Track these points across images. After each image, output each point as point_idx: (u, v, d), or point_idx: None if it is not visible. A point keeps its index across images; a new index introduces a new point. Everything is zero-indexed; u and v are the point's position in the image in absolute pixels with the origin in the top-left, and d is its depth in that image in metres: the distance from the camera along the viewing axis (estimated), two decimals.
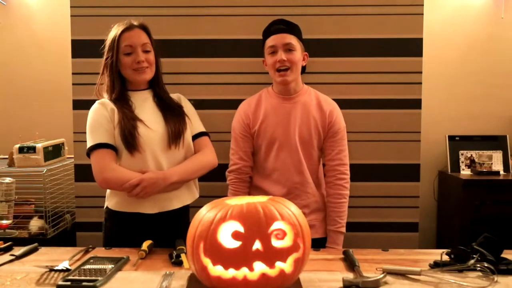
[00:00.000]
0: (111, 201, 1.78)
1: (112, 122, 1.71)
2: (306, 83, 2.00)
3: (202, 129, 1.89)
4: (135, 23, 1.77)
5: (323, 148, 1.96)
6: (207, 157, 1.85)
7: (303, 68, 1.96)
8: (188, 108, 1.89)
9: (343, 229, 1.92)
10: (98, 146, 1.69)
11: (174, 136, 1.76)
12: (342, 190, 1.92)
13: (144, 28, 1.78)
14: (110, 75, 1.75)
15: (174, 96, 1.89)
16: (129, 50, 1.73)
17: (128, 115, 1.71)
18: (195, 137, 1.85)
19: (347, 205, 1.94)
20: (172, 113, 1.80)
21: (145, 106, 1.78)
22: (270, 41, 1.88)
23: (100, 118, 1.72)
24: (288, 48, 1.85)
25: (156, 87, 1.83)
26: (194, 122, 1.87)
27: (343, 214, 1.92)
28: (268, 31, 1.90)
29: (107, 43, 1.76)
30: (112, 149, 1.70)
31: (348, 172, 1.94)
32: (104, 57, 1.77)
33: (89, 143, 1.72)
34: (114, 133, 1.71)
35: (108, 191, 1.80)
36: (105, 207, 1.82)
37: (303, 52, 1.92)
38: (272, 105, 1.94)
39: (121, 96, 1.76)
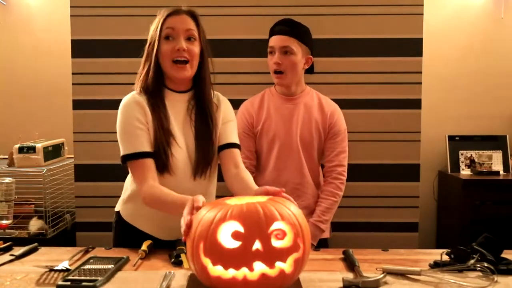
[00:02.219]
0: (124, 210, 1.62)
1: (148, 123, 1.48)
2: (306, 83, 2.00)
3: (235, 140, 1.59)
4: (184, 8, 1.52)
5: (323, 149, 1.96)
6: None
7: (311, 69, 1.96)
8: (227, 113, 1.61)
9: (322, 226, 1.89)
10: (133, 157, 1.45)
11: (203, 163, 1.53)
12: (335, 189, 1.91)
13: (192, 15, 1.52)
14: (148, 65, 1.50)
15: (214, 99, 1.60)
16: (169, 33, 1.47)
17: (164, 126, 1.48)
18: (225, 146, 1.56)
19: (335, 206, 1.92)
20: (205, 133, 1.53)
21: (178, 116, 1.53)
22: (271, 41, 1.88)
23: (133, 118, 1.47)
24: (285, 51, 1.83)
25: (202, 86, 1.55)
26: (229, 129, 1.58)
27: (327, 212, 1.90)
28: (272, 31, 1.90)
29: (151, 28, 1.52)
30: (151, 157, 1.46)
31: (345, 174, 1.94)
32: (146, 46, 1.53)
33: (124, 150, 1.47)
34: (149, 134, 1.48)
35: (123, 194, 1.65)
36: (117, 209, 1.66)
37: (307, 56, 1.89)
38: (275, 105, 1.94)
39: (156, 91, 1.51)
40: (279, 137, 1.91)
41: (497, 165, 3.12)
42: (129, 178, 1.60)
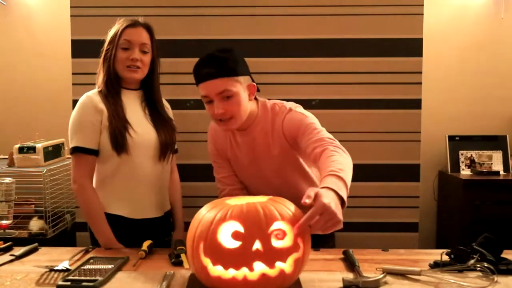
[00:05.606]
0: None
1: (99, 123, 1.68)
2: (306, 83, 1.98)
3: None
4: (140, 20, 1.75)
5: (303, 149, 1.56)
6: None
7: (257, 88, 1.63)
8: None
9: (342, 174, 1.32)
10: (79, 150, 1.66)
11: (164, 148, 1.75)
12: (333, 150, 1.43)
13: (148, 28, 1.75)
14: (106, 68, 1.72)
15: (165, 103, 1.89)
16: (126, 45, 1.69)
17: (120, 115, 1.68)
18: None
19: (346, 161, 1.40)
20: (162, 124, 1.78)
21: (134, 109, 1.75)
22: (202, 88, 1.53)
23: (86, 117, 1.67)
24: (225, 96, 1.50)
25: (149, 88, 1.79)
26: None
27: (339, 163, 1.36)
28: (198, 76, 1.54)
29: (109, 35, 1.74)
30: (94, 154, 1.68)
31: (335, 139, 1.49)
32: (104, 48, 1.74)
33: (72, 143, 1.68)
34: (99, 134, 1.68)
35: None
36: None
37: (249, 84, 1.56)
38: (235, 139, 1.69)
39: (113, 91, 1.72)
40: (250, 176, 1.70)
41: (497, 165, 3.12)
42: None
